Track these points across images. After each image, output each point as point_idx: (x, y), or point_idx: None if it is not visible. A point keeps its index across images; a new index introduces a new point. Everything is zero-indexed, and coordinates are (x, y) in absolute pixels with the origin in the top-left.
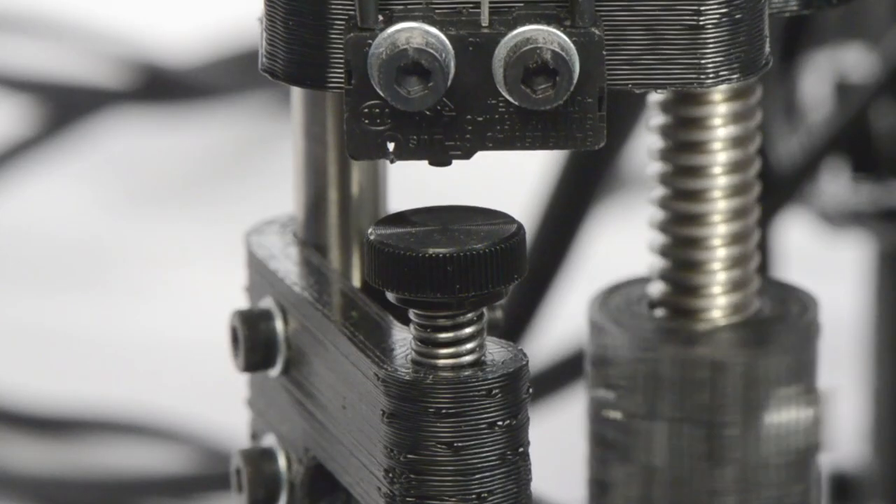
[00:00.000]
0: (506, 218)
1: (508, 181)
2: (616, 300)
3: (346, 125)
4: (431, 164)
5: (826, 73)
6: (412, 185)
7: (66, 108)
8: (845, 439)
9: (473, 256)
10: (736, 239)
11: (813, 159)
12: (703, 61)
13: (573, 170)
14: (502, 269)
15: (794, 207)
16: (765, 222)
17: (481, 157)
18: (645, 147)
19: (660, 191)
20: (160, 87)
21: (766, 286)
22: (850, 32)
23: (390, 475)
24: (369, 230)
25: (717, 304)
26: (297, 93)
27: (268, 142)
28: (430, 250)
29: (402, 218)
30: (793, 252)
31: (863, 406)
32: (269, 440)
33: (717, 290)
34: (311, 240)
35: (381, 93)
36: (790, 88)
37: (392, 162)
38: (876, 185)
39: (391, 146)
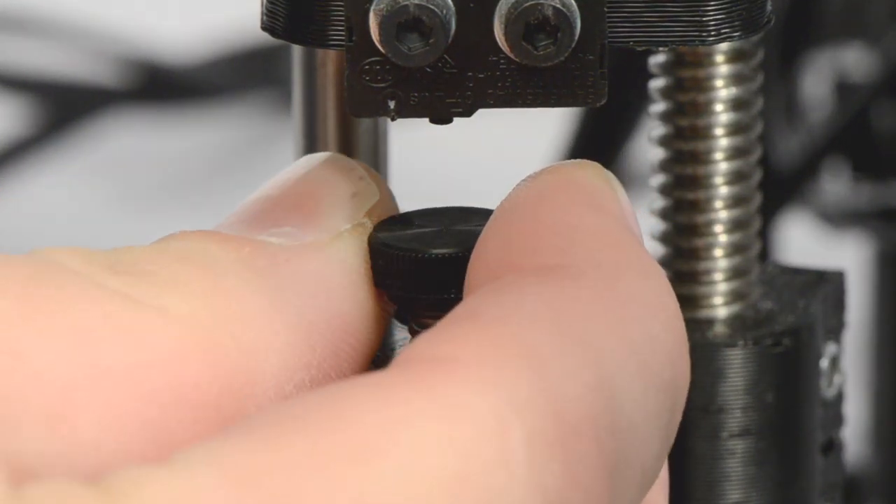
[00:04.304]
0: None
1: (509, 182)
2: None
3: (347, 82)
4: (432, 121)
5: (826, 73)
6: (413, 185)
7: (66, 108)
8: (846, 439)
9: None
10: (737, 226)
11: (813, 159)
12: (704, 18)
13: None
14: None
15: (794, 207)
16: (765, 222)
17: (482, 155)
18: (644, 148)
19: (660, 178)
20: (160, 86)
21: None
22: (850, 32)
23: None
24: (371, 231)
25: (718, 291)
26: (297, 93)
27: (268, 142)
28: (433, 251)
29: (403, 219)
30: (793, 252)
31: (863, 406)
32: None
33: (718, 276)
34: None
35: (381, 49)
36: (790, 88)
37: (393, 119)
38: (876, 185)
39: (392, 104)
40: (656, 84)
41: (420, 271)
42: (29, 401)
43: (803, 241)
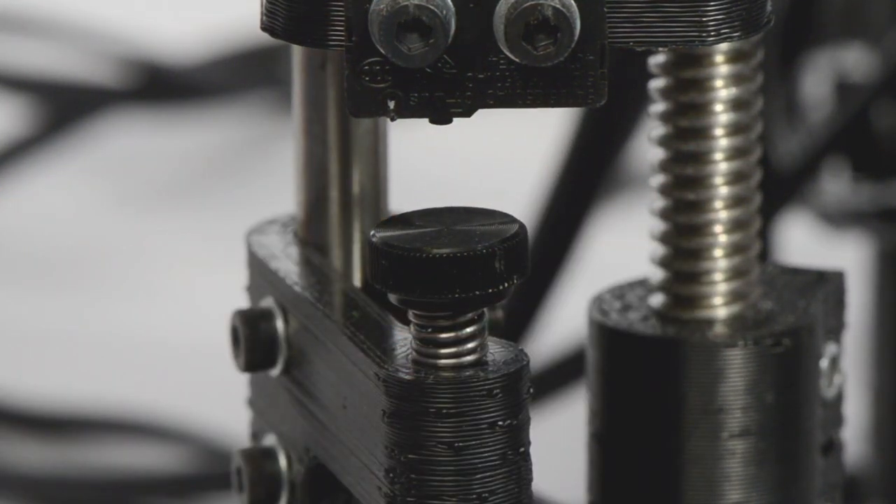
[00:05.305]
0: (507, 218)
1: (509, 181)
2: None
3: (347, 83)
4: (432, 121)
5: (826, 73)
6: (413, 184)
7: (66, 108)
8: (846, 439)
9: (476, 257)
10: (737, 226)
11: (813, 159)
12: (704, 19)
13: (573, 170)
14: (505, 269)
15: (794, 207)
16: (765, 222)
17: (482, 155)
18: (644, 148)
19: (660, 178)
20: (160, 86)
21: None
22: (850, 32)
23: (391, 475)
24: (371, 232)
25: (718, 292)
26: (297, 92)
27: (268, 142)
28: (433, 251)
29: (404, 220)
30: (793, 252)
31: (863, 406)
32: (269, 440)
33: (718, 277)
34: (312, 239)
35: (381, 50)
36: (790, 88)
37: (393, 119)
38: (876, 185)
39: (392, 104)
40: (656, 84)
41: (422, 271)
42: None
43: (803, 241)
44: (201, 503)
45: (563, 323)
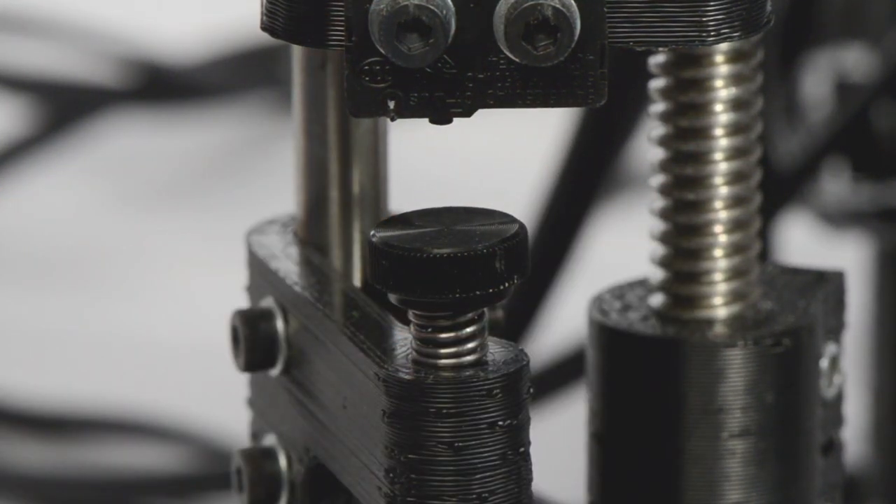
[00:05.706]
0: (507, 218)
1: (509, 181)
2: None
3: (347, 83)
4: (432, 121)
5: (826, 73)
6: (413, 184)
7: (66, 108)
8: (846, 439)
9: (476, 257)
10: (737, 226)
11: (813, 159)
12: (704, 19)
13: (573, 170)
14: (505, 269)
15: (794, 207)
16: (765, 222)
17: (482, 155)
18: (644, 148)
19: (660, 178)
20: (160, 86)
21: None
22: (850, 32)
23: (391, 475)
24: (371, 232)
25: (718, 292)
26: (297, 92)
27: (268, 142)
28: (433, 251)
29: (404, 220)
30: (793, 252)
31: (863, 406)
32: (269, 440)
33: (718, 277)
34: (312, 239)
35: (381, 50)
36: (790, 88)
37: (393, 119)
38: (876, 185)
39: (392, 104)
40: (656, 84)
41: (422, 271)
42: None
43: (803, 241)
44: (201, 503)
45: (563, 323)
